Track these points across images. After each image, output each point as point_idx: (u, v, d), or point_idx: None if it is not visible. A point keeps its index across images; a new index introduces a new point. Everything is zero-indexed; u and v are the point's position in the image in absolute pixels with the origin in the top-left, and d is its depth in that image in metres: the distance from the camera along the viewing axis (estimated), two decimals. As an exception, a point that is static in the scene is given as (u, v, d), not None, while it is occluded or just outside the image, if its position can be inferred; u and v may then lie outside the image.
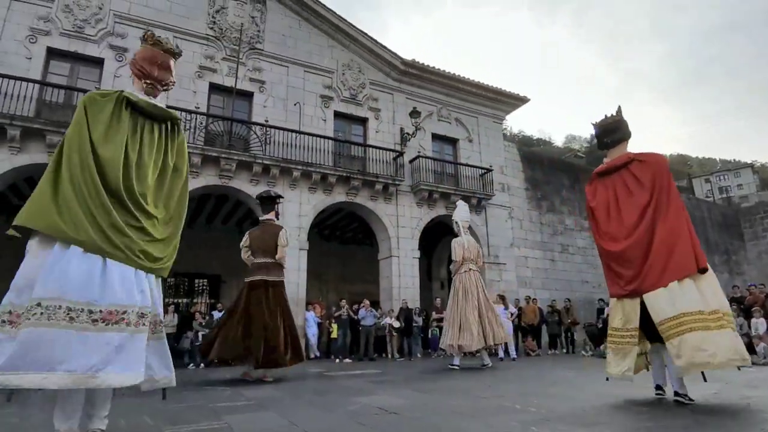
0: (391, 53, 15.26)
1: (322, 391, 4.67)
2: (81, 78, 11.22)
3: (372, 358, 11.61)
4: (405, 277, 13.74)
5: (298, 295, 12.03)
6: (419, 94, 15.81)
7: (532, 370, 7.56)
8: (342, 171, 13.13)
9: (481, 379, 5.86)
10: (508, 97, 17.47)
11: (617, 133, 3.84)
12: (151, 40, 2.65)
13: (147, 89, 2.57)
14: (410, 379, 5.94)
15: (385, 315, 12.49)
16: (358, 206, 13.85)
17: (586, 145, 62.29)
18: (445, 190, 14.65)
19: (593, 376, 5.76)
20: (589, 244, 17.82)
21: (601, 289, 17.04)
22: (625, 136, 3.85)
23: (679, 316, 3.17)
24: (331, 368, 8.53)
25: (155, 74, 2.57)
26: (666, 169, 3.61)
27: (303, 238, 12.53)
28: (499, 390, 4.63)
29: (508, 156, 17.27)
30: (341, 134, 14.38)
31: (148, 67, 2.56)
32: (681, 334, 3.13)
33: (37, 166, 10.24)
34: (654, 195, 3.49)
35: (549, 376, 6.19)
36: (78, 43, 11.18)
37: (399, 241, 13.93)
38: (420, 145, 15.16)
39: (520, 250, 16.16)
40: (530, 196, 17.21)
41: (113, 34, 11.58)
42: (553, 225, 17.33)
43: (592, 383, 4.95)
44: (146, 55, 2.59)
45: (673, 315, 3.19)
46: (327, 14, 14.57)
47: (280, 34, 13.90)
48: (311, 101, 13.89)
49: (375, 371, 7.61)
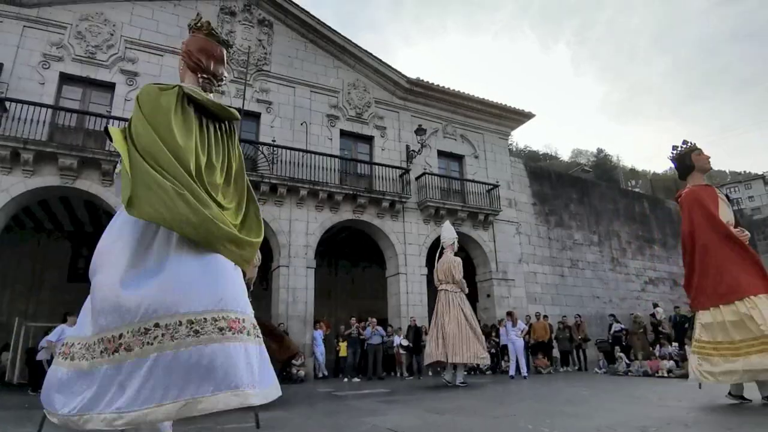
0: (395, 72, 15.45)
1: (331, 412, 4.62)
2: (93, 102, 11.45)
3: (381, 376, 11.48)
4: (413, 295, 13.66)
5: (306, 314, 11.99)
6: (424, 112, 15.94)
7: (544, 388, 7.43)
8: (348, 189, 13.19)
9: (493, 398, 5.77)
10: (512, 113, 17.55)
11: (681, 168, 4.51)
12: (206, 28, 2.28)
13: (204, 84, 2.22)
14: (421, 399, 5.86)
15: (393, 333, 12.38)
16: (365, 224, 13.87)
17: (593, 159, 62.05)
18: (451, 207, 14.64)
19: (609, 395, 5.64)
20: (599, 259, 17.66)
21: (612, 305, 16.83)
22: (687, 169, 4.46)
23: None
24: (340, 387, 8.44)
25: (212, 68, 2.23)
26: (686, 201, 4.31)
27: (310, 256, 12.53)
28: (511, 409, 4.55)
29: (515, 171, 17.27)
30: (347, 152, 14.49)
31: (204, 60, 2.21)
32: None
33: (50, 189, 10.41)
34: (687, 230, 4.31)
35: (562, 395, 6.08)
36: (90, 68, 11.44)
37: (406, 258, 13.89)
38: (426, 162, 15.22)
39: (528, 265, 16.03)
40: (538, 211, 17.14)
41: (124, 59, 11.85)
42: (562, 240, 17.20)
43: (608, 402, 4.85)
44: (202, 45, 2.23)
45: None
46: (332, 36, 14.82)
47: (287, 56, 14.14)
48: (317, 120, 14.04)
49: (384, 390, 7.52)
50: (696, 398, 4.51)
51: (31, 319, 11.69)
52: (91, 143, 10.69)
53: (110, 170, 10.25)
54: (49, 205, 12.24)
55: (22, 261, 13.39)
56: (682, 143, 4.46)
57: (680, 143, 4.48)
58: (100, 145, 10.60)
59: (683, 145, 4.43)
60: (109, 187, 10.48)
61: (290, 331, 11.44)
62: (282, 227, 12.37)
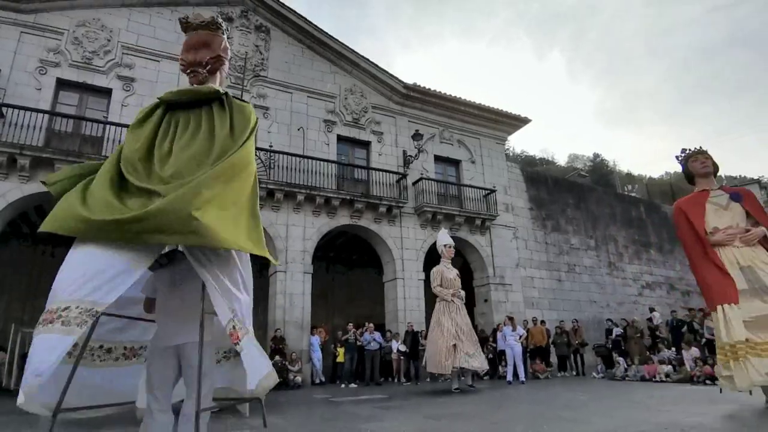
0: (392, 77, 15.50)
1: (329, 419, 4.60)
2: (90, 108, 11.44)
3: (378, 382, 11.44)
4: (410, 300, 13.64)
5: (303, 319, 11.95)
6: (421, 117, 15.98)
7: (542, 393, 7.42)
8: (345, 194, 13.19)
9: (491, 402, 5.76)
10: (509, 118, 17.62)
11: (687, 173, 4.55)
12: (183, 25, 2.37)
13: (191, 79, 2.33)
14: (419, 405, 5.84)
15: (391, 338, 12.35)
16: (362, 229, 13.86)
17: (590, 164, 62.24)
18: (448, 212, 14.65)
19: (607, 400, 5.64)
20: (596, 263, 17.68)
21: (609, 309, 16.83)
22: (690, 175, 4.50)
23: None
24: (337, 393, 8.40)
25: (190, 57, 2.32)
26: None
27: (308, 262, 12.51)
28: (509, 414, 4.54)
29: (512, 176, 17.31)
30: (344, 158, 14.50)
31: (185, 56, 2.33)
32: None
33: (46, 195, 10.36)
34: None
35: (560, 399, 6.07)
36: (87, 74, 11.44)
37: (404, 263, 13.88)
38: (423, 167, 15.25)
39: (526, 270, 16.03)
40: (535, 215, 17.17)
41: (121, 64, 11.85)
42: (559, 244, 17.22)
43: (606, 407, 4.84)
44: (185, 44, 2.36)
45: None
46: (329, 41, 14.87)
47: (284, 62, 14.17)
48: (314, 126, 14.06)
49: (382, 396, 7.49)
50: (693, 403, 4.51)
51: (27, 326, 11.60)
52: (87, 149, 10.67)
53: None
54: (45, 211, 12.17)
55: (18, 267, 13.31)
56: (681, 152, 4.46)
57: (680, 152, 4.48)
58: (97, 150, 10.58)
59: (681, 154, 4.43)
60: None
61: (287, 336, 11.40)
62: (279, 232, 12.35)
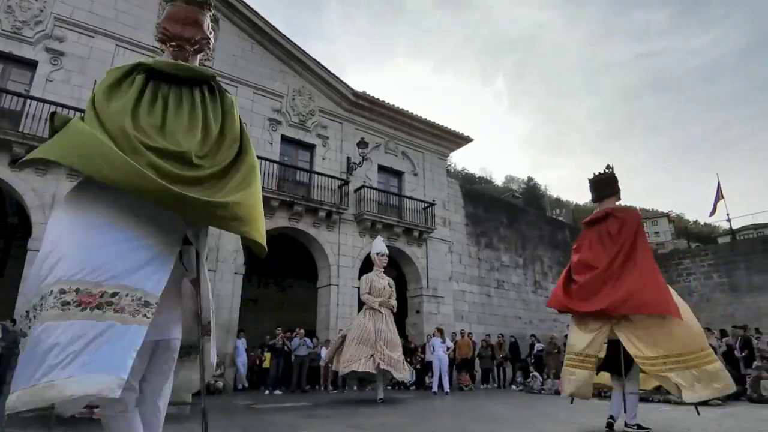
0: (342, 84, 15.46)
1: (248, 427, 4.42)
2: (12, 80, 10.41)
3: (304, 389, 11.21)
4: (343, 307, 13.54)
5: (230, 322, 11.50)
6: (368, 126, 16.05)
7: (465, 404, 7.59)
8: (286, 195, 12.91)
9: (416, 413, 5.80)
10: (452, 135, 18.13)
11: (606, 189, 4.41)
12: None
13: (174, 53, 2.20)
14: (343, 414, 5.77)
15: (320, 345, 12.17)
16: (300, 232, 13.61)
17: (524, 186, 65.56)
18: (388, 221, 14.76)
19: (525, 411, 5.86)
20: (523, 281, 18.51)
21: (532, 326, 17.65)
22: (612, 192, 4.40)
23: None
24: (260, 400, 8.13)
25: (179, 32, 2.19)
26: (634, 223, 4.11)
27: (239, 262, 12.06)
28: (433, 425, 4.59)
29: (451, 192, 17.78)
30: (287, 159, 14.22)
31: (171, 27, 2.19)
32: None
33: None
34: (623, 246, 3.97)
35: (483, 411, 6.24)
36: (13, 43, 10.42)
37: (339, 269, 13.77)
38: (366, 175, 15.29)
39: (458, 284, 16.46)
40: (470, 231, 17.71)
41: (51, 36, 10.91)
42: (491, 261, 17.87)
43: (524, 418, 5.02)
44: (169, 13, 2.23)
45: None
46: (281, 40, 14.58)
47: (231, 54, 13.71)
48: (259, 123, 13.68)
49: (306, 404, 7.34)
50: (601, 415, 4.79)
51: None
52: (5, 123, 9.70)
53: (21, 154, 9.34)
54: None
55: None
56: (605, 168, 4.66)
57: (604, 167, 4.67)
58: (15, 125, 9.64)
59: (607, 170, 4.63)
60: (19, 173, 9.56)
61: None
62: (211, 229, 11.79)
